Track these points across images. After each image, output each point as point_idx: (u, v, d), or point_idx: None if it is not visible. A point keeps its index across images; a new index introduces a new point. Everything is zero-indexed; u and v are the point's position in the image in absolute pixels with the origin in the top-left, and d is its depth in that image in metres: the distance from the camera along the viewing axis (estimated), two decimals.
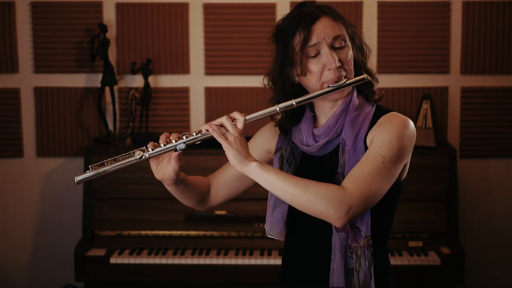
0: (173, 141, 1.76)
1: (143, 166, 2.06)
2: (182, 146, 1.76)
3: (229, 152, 1.70)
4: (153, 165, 1.83)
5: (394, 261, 3.10)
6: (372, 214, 1.79)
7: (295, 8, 1.87)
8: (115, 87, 3.63)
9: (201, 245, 3.25)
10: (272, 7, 3.59)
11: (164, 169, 1.82)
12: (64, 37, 3.63)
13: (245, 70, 3.62)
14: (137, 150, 1.77)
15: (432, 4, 3.61)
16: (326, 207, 1.67)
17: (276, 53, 1.86)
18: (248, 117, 1.75)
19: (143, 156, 1.77)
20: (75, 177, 1.76)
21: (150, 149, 1.77)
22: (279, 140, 1.95)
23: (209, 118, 3.65)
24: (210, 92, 3.67)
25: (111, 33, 3.62)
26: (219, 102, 3.67)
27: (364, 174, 1.71)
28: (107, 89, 3.62)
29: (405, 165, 1.82)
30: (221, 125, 1.74)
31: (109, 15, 3.63)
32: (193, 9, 3.63)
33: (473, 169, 3.68)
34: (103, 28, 3.52)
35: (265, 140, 2.00)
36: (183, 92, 3.68)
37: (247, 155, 1.72)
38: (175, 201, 1.88)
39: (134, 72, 3.58)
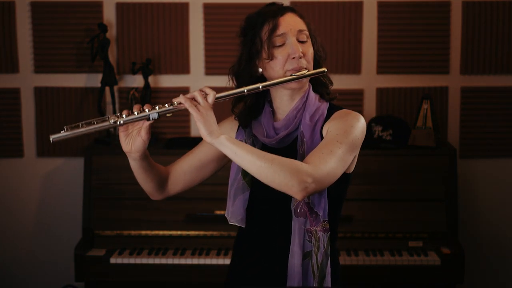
0: (146, 110, 1.85)
1: None
2: (155, 115, 1.84)
3: (200, 123, 1.82)
4: (122, 136, 1.92)
5: (394, 261, 3.11)
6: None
7: (265, 6, 2.04)
8: (115, 87, 3.63)
9: (201, 245, 3.25)
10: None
11: (133, 141, 1.92)
12: (64, 37, 3.63)
13: None
14: (112, 116, 1.84)
15: (432, 4, 3.61)
16: (290, 178, 1.77)
17: (243, 45, 2.01)
18: (218, 95, 1.91)
19: (118, 122, 1.83)
20: (50, 136, 1.82)
21: (124, 116, 1.84)
22: (238, 133, 2.08)
23: None
24: None
25: (111, 33, 3.62)
26: (219, 102, 3.65)
27: (324, 155, 1.83)
28: (107, 89, 3.62)
29: (354, 159, 1.96)
30: (193, 99, 1.88)
31: (109, 15, 3.63)
32: (193, 9, 3.64)
33: (472, 169, 3.68)
34: (103, 28, 3.52)
35: (225, 133, 2.08)
36: (184, 92, 3.67)
37: (216, 128, 1.83)
38: (175, 201, 1.88)
39: (134, 72, 3.58)
